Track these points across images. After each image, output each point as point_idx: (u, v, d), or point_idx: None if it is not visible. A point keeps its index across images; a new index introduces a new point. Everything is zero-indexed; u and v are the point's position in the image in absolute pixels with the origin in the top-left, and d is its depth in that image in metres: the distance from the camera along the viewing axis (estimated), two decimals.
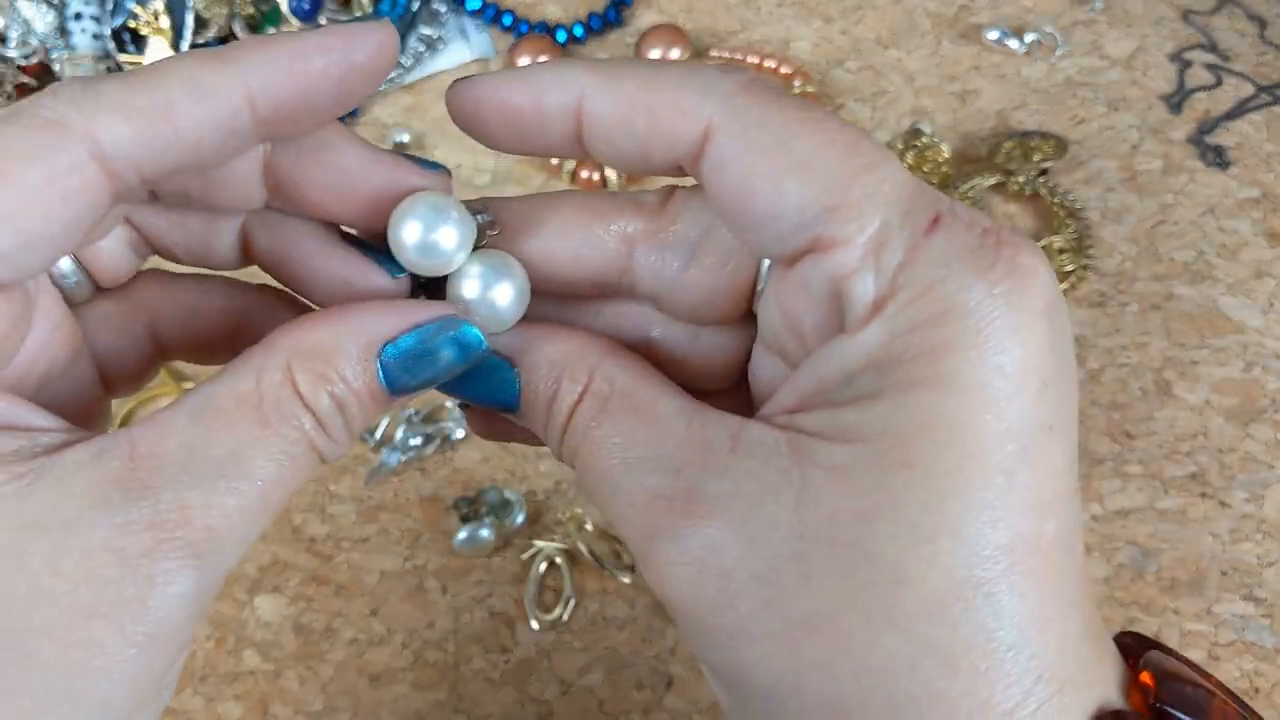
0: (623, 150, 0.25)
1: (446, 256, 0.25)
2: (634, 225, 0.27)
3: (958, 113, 0.56)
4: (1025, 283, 0.22)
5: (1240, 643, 0.44)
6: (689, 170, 0.25)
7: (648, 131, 0.24)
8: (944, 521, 0.22)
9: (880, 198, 0.23)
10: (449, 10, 0.61)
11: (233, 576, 0.47)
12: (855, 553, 0.22)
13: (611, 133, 0.25)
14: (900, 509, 0.22)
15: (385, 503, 0.48)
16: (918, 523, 0.22)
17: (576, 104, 0.25)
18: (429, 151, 0.57)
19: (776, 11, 0.60)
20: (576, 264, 0.27)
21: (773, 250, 0.24)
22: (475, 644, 0.45)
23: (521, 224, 0.27)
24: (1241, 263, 0.51)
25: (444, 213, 0.25)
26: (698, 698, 0.44)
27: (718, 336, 0.28)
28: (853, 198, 0.23)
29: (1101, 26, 0.58)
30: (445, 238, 0.25)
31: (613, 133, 0.25)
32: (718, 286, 0.26)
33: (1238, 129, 0.55)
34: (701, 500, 0.23)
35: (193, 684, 0.45)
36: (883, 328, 0.23)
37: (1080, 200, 0.53)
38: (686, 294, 0.27)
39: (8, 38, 0.56)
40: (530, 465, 0.49)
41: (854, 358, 0.23)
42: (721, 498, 0.23)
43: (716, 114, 0.24)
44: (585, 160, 0.55)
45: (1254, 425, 0.48)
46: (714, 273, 0.26)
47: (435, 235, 0.25)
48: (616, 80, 0.24)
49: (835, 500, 0.22)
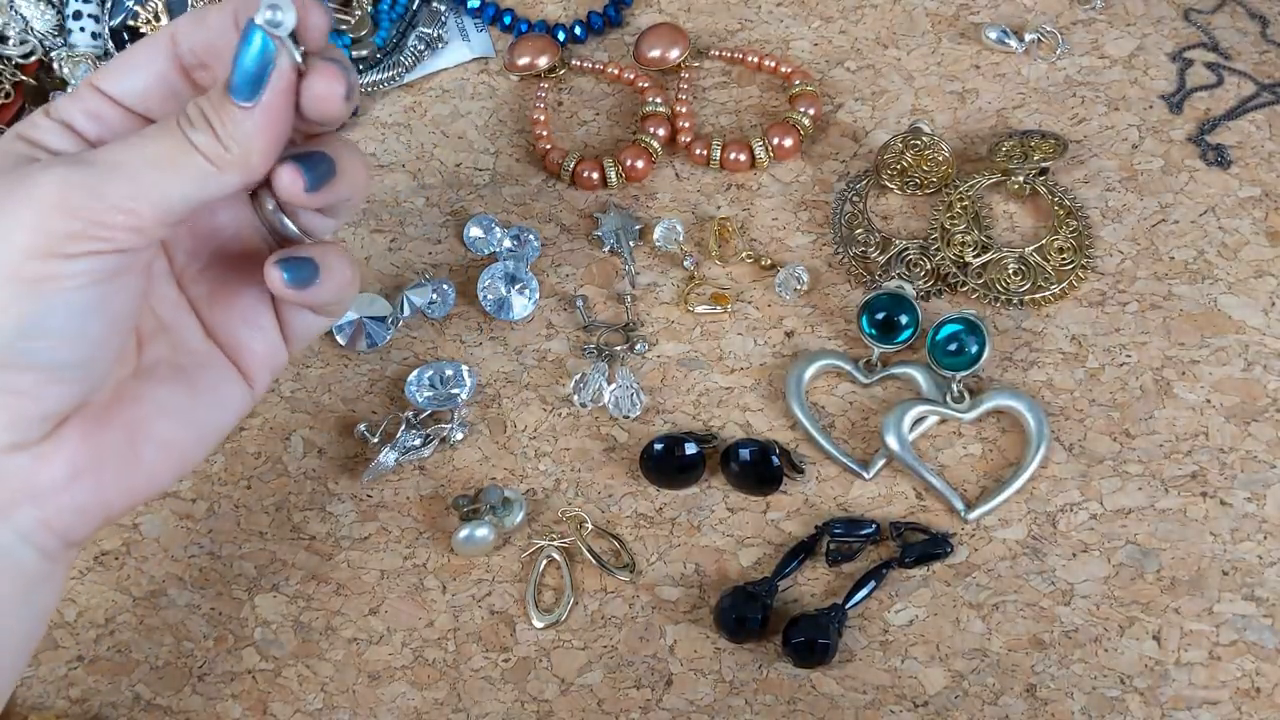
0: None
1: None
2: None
3: (957, 112, 0.56)
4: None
5: (1241, 643, 0.44)
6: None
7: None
8: None
9: None
10: (449, 9, 0.61)
11: (232, 575, 0.47)
12: None
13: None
14: None
15: (385, 501, 0.48)
16: None
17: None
18: (429, 151, 0.57)
19: (776, 11, 0.60)
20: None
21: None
22: (475, 643, 0.45)
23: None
24: (1242, 262, 0.51)
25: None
26: (697, 697, 0.44)
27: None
28: None
29: (1101, 25, 0.58)
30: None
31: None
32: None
33: (1239, 128, 0.55)
34: None
35: (192, 683, 0.45)
36: None
37: (1080, 199, 0.53)
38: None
39: (7, 36, 0.56)
40: (530, 464, 0.49)
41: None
42: None
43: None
44: (585, 160, 0.55)
45: (1254, 424, 0.48)
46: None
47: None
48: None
49: None
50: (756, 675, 0.44)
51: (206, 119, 0.34)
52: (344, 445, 0.49)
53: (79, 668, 0.45)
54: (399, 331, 0.52)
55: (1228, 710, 0.43)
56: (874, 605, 0.45)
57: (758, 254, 0.53)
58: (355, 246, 0.54)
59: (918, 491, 0.47)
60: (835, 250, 0.53)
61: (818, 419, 0.49)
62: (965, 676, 0.44)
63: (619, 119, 0.57)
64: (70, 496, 0.35)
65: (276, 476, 0.49)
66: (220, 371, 0.39)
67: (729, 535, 0.47)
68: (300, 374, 0.51)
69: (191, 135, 0.33)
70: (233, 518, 0.48)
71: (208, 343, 0.39)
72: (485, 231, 0.53)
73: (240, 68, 0.33)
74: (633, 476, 0.48)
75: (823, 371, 0.50)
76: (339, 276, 0.38)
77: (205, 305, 0.39)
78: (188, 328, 0.39)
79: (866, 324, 0.49)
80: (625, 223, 0.54)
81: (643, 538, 0.47)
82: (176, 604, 0.46)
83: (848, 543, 0.46)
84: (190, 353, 0.39)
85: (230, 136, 0.33)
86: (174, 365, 0.38)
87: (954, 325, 0.48)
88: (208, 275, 0.40)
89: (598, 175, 0.55)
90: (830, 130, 0.56)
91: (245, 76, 0.33)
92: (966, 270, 0.51)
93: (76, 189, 0.32)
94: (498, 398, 0.50)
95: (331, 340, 0.52)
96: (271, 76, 0.33)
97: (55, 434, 0.34)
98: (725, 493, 0.48)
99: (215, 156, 0.33)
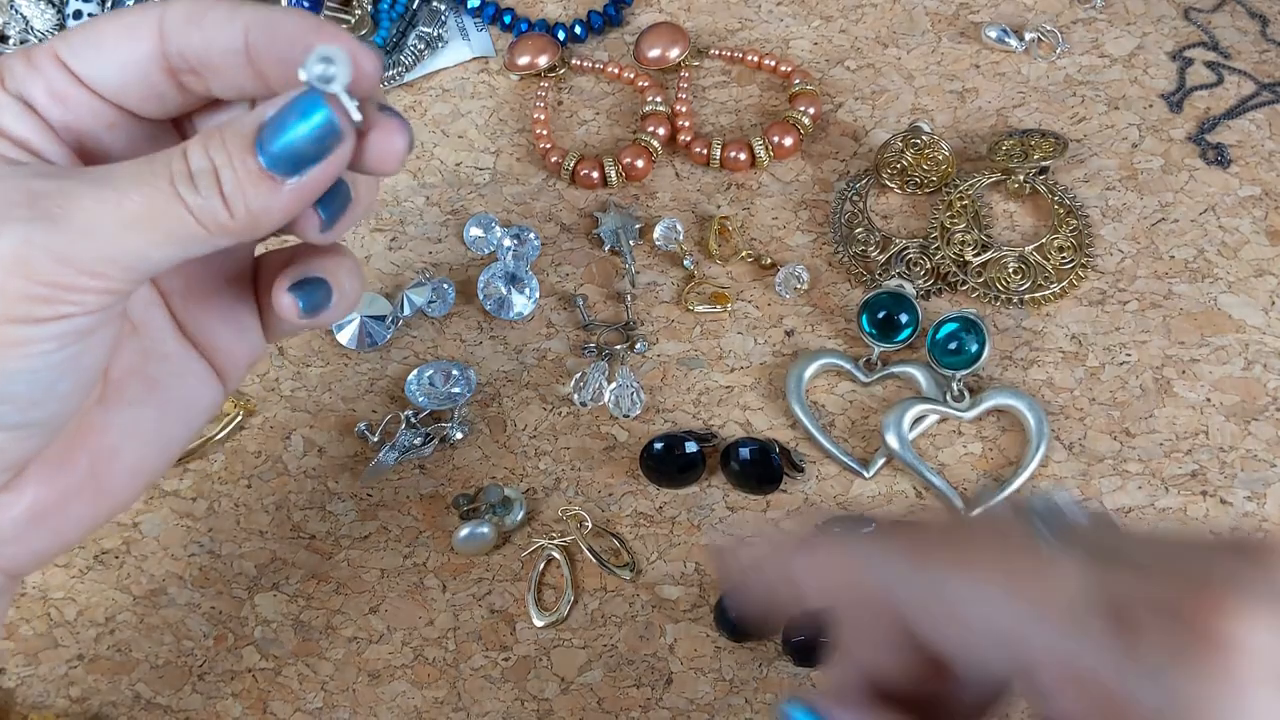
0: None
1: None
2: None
3: (957, 111, 0.56)
4: (1231, 659, 0.20)
5: None
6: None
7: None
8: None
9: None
10: (449, 9, 0.61)
11: (232, 574, 0.47)
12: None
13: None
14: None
15: (385, 500, 0.48)
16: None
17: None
18: (429, 150, 0.57)
19: (776, 10, 0.60)
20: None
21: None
22: (475, 642, 0.45)
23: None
24: (1242, 261, 0.51)
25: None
26: (697, 695, 0.44)
27: None
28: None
29: (1101, 24, 0.58)
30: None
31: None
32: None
33: (1239, 127, 0.55)
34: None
35: (192, 681, 0.45)
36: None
37: (1080, 198, 0.53)
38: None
39: (7, 35, 0.56)
40: (530, 463, 0.49)
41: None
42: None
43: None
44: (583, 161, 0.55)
45: (1255, 424, 0.48)
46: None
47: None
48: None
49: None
50: (756, 675, 0.44)
51: (217, 182, 0.28)
52: (344, 445, 0.49)
53: (79, 666, 0.45)
54: (399, 331, 0.52)
55: None
56: None
57: (758, 253, 0.53)
58: (355, 246, 0.54)
59: (918, 490, 0.47)
60: (835, 249, 0.53)
61: (818, 418, 0.49)
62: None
63: (619, 118, 0.57)
64: (29, 543, 0.32)
65: (277, 476, 0.49)
66: (194, 375, 0.35)
67: (729, 534, 0.47)
68: (300, 373, 0.51)
69: (188, 196, 0.28)
70: (233, 517, 0.48)
71: (181, 343, 0.35)
72: (485, 231, 0.53)
73: (286, 140, 0.28)
74: (633, 475, 0.48)
75: (823, 370, 0.50)
76: (351, 295, 0.34)
77: (180, 300, 0.35)
78: (161, 328, 0.35)
79: (866, 323, 0.49)
80: (625, 222, 0.54)
81: (643, 537, 0.47)
82: (176, 603, 0.46)
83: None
84: (162, 359, 0.34)
85: (244, 205, 0.28)
86: (144, 378, 0.34)
87: (954, 324, 0.48)
88: (184, 267, 0.33)
89: (598, 174, 0.55)
90: (830, 129, 0.56)
91: (292, 153, 0.28)
92: (966, 269, 0.51)
93: (40, 252, 0.27)
94: (498, 397, 0.50)
95: (331, 340, 0.52)
96: (330, 156, 0.28)
97: (14, 482, 0.31)
98: (725, 492, 0.48)
99: (212, 222, 0.28)
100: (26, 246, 0.27)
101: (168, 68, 0.31)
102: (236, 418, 0.49)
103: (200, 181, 0.28)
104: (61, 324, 0.28)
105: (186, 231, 0.28)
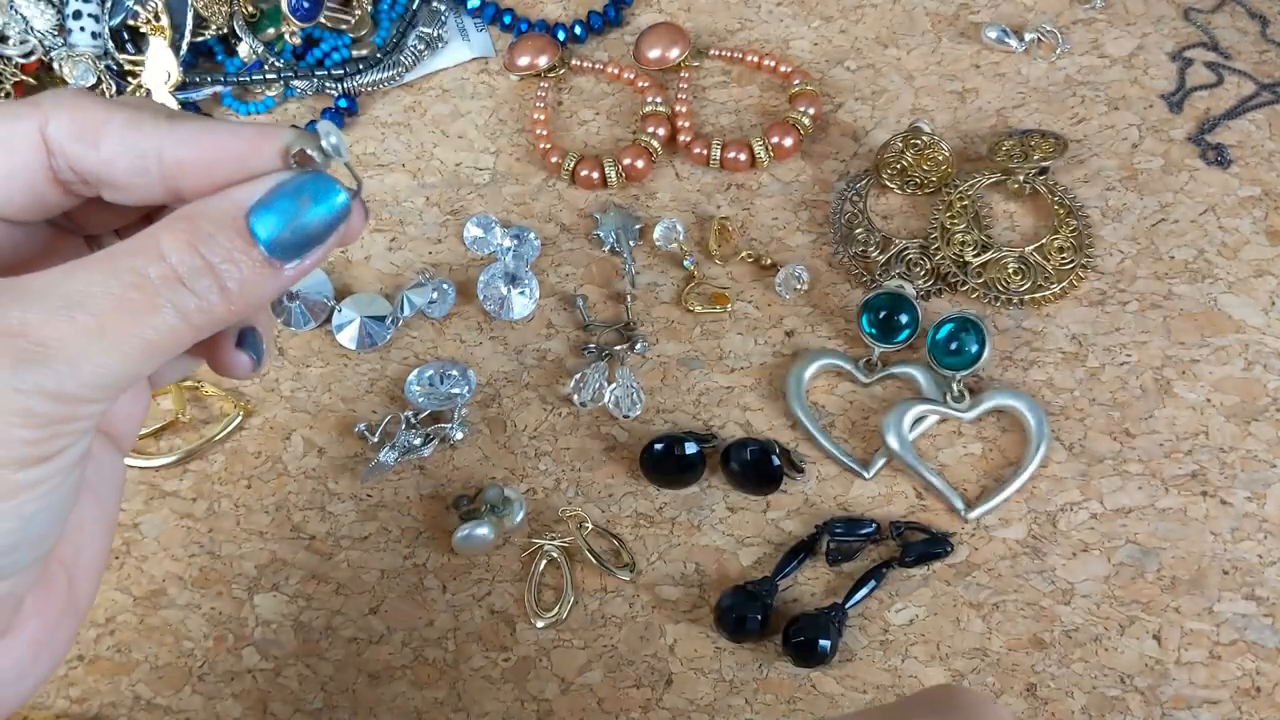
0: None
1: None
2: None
3: (957, 111, 0.56)
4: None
5: (1242, 642, 0.44)
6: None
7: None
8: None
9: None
10: (449, 9, 0.61)
11: (232, 575, 0.47)
12: None
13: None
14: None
15: (385, 501, 0.48)
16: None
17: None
18: (429, 151, 0.57)
19: (776, 10, 0.60)
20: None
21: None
22: (475, 642, 0.45)
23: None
24: (1242, 261, 0.51)
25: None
26: (697, 696, 0.44)
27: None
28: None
29: (1101, 25, 0.58)
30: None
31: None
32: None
33: (1239, 127, 0.55)
34: None
35: (192, 682, 0.45)
36: None
37: (1080, 199, 0.53)
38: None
39: (7, 36, 0.56)
40: (530, 463, 0.49)
41: None
42: None
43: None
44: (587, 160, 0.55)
45: (1255, 424, 0.48)
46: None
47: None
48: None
49: None
50: (756, 675, 0.44)
51: (216, 279, 0.27)
52: (344, 445, 0.49)
53: (79, 667, 0.45)
54: (399, 331, 0.52)
55: (1228, 709, 0.42)
56: (874, 605, 0.45)
57: (758, 254, 0.53)
58: (355, 247, 0.54)
59: (918, 491, 0.47)
60: (835, 250, 0.53)
61: (818, 418, 0.49)
62: (965, 676, 0.44)
63: (619, 119, 0.57)
64: (31, 679, 0.31)
65: (276, 476, 0.49)
66: (104, 452, 0.33)
67: (729, 535, 0.47)
68: (300, 374, 0.51)
69: (180, 300, 0.27)
70: (232, 517, 0.48)
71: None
72: (485, 231, 0.53)
73: (298, 226, 0.27)
74: (633, 476, 0.48)
75: (823, 371, 0.50)
76: (270, 331, 0.33)
77: None
78: None
79: (866, 323, 0.49)
80: (625, 222, 0.54)
81: (643, 537, 0.47)
82: (176, 604, 0.46)
83: (848, 542, 0.46)
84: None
85: (245, 298, 0.28)
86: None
87: (954, 324, 0.48)
88: None
89: (598, 175, 0.54)
90: (830, 130, 0.56)
91: (304, 238, 0.27)
92: (966, 270, 0.51)
93: (35, 398, 0.26)
94: (498, 397, 0.50)
95: (331, 340, 0.52)
96: (336, 233, 0.28)
97: (16, 620, 0.30)
98: (725, 492, 0.48)
99: (207, 322, 0.28)
100: (20, 395, 0.26)
101: (53, 179, 0.30)
102: (236, 418, 0.49)
103: (195, 283, 0.27)
104: (65, 454, 0.28)
105: (176, 338, 0.27)
